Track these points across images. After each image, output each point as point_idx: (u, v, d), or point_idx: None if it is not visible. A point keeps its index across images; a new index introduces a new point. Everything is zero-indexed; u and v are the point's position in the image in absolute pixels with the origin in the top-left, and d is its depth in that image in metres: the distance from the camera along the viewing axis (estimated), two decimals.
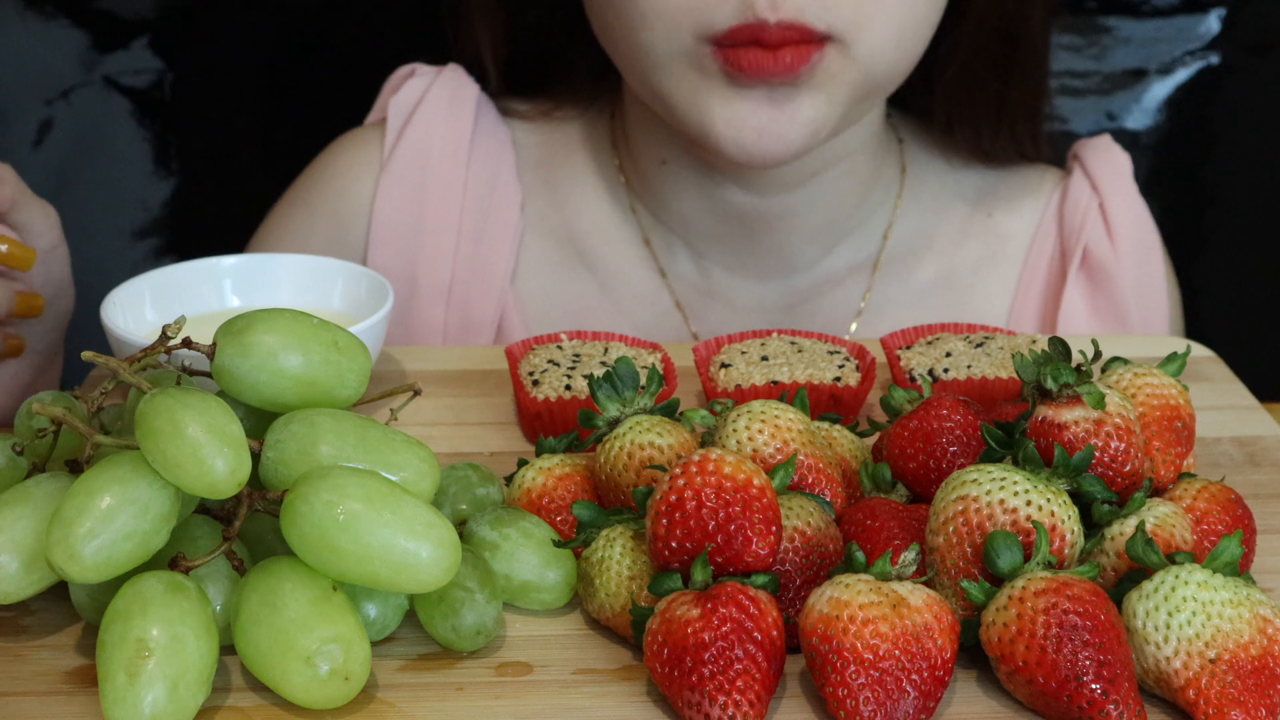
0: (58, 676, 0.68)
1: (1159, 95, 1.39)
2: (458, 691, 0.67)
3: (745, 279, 1.13)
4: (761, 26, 0.96)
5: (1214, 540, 0.72)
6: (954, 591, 0.68)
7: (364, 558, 0.65)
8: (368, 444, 0.69)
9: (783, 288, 1.13)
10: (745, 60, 0.97)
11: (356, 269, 0.93)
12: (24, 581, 0.67)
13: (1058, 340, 0.73)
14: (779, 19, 0.95)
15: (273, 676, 0.65)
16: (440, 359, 0.98)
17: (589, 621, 0.72)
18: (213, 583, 0.68)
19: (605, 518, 0.72)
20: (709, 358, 0.91)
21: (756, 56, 0.96)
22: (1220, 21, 1.37)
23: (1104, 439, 0.71)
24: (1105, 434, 0.71)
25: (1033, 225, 1.17)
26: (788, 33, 0.96)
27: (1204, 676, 0.65)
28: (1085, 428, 0.71)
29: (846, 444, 0.79)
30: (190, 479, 0.64)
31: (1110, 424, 0.71)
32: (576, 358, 0.90)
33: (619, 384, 0.76)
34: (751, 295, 1.13)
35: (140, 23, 1.33)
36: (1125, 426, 0.71)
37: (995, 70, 1.13)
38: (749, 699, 0.64)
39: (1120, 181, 1.15)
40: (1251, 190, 1.41)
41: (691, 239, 1.13)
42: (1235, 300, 1.43)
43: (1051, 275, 1.15)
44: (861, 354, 0.90)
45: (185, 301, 0.91)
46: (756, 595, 0.65)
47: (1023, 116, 1.16)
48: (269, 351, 0.70)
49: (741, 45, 0.97)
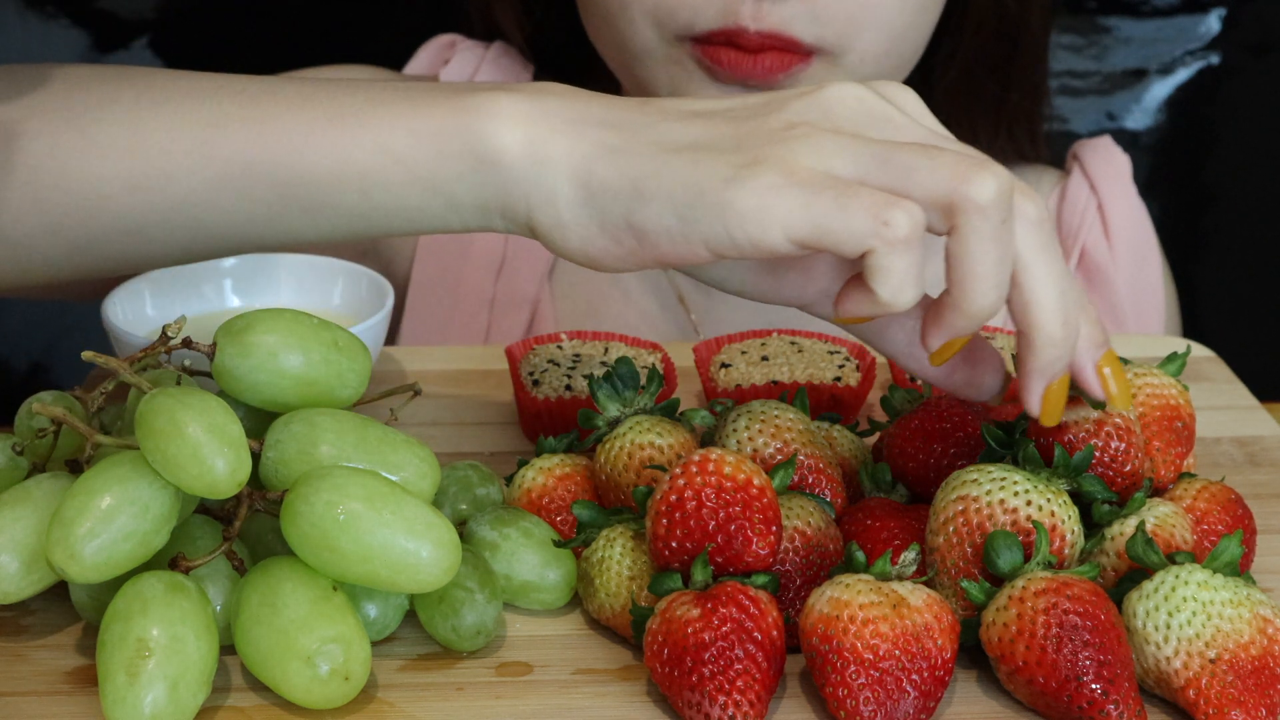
0: (58, 676, 0.68)
1: (1159, 95, 1.39)
2: (458, 691, 0.67)
3: None
4: (740, 31, 0.95)
5: (1214, 540, 0.72)
6: (954, 591, 0.68)
7: (364, 558, 0.65)
8: (368, 444, 0.69)
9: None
10: (724, 58, 0.97)
11: (356, 269, 0.93)
12: (24, 581, 0.67)
13: None
14: (760, 29, 0.95)
15: (273, 676, 0.65)
16: (440, 359, 0.98)
17: (589, 621, 0.72)
18: (213, 583, 0.68)
19: (605, 518, 0.72)
20: (709, 358, 0.91)
21: (735, 57, 0.96)
22: (1220, 21, 1.37)
23: (1104, 439, 0.71)
24: (1105, 434, 0.71)
25: None
26: (769, 40, 0.95)
27: (1204, 676, 0.65)
28: (1085, 428, 0.71)
29: (846, 444, 0.79)
30: (190, 479, 0.64)
31: (1110, 424, 0.71)
32: (576, 358, 0.90)
33: (619, 384, 0.76)
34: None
35: (140, 23, 1.33)
36: (1125, 426, 0.71)
37: (994, 73, 1.13)
38: (749, 699, 0.64)
39: (1119, 183, 1.15)
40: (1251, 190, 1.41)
41: None
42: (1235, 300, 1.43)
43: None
44: (861, 354, 0.90)
45: (185, 301, 0.91)
46: (756, 595, 0.65)
47: (1021, 118, 1.16)
48: (269, 351, 0.70)
49: (721, 44, 0.96)
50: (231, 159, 0.72)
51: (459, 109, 0.70)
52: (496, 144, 0.69)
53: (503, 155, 0.69)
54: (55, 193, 0.73)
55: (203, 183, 0.72)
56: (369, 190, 0.71)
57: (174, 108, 0.73)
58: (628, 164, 0.67)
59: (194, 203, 0.73)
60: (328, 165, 0.71)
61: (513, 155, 0.69)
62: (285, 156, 0.71)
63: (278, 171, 0.71)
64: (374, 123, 0.71)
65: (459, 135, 0.70)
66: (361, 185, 0.71)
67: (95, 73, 0.76)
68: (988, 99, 1.14)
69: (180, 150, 0.72)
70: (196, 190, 0.72)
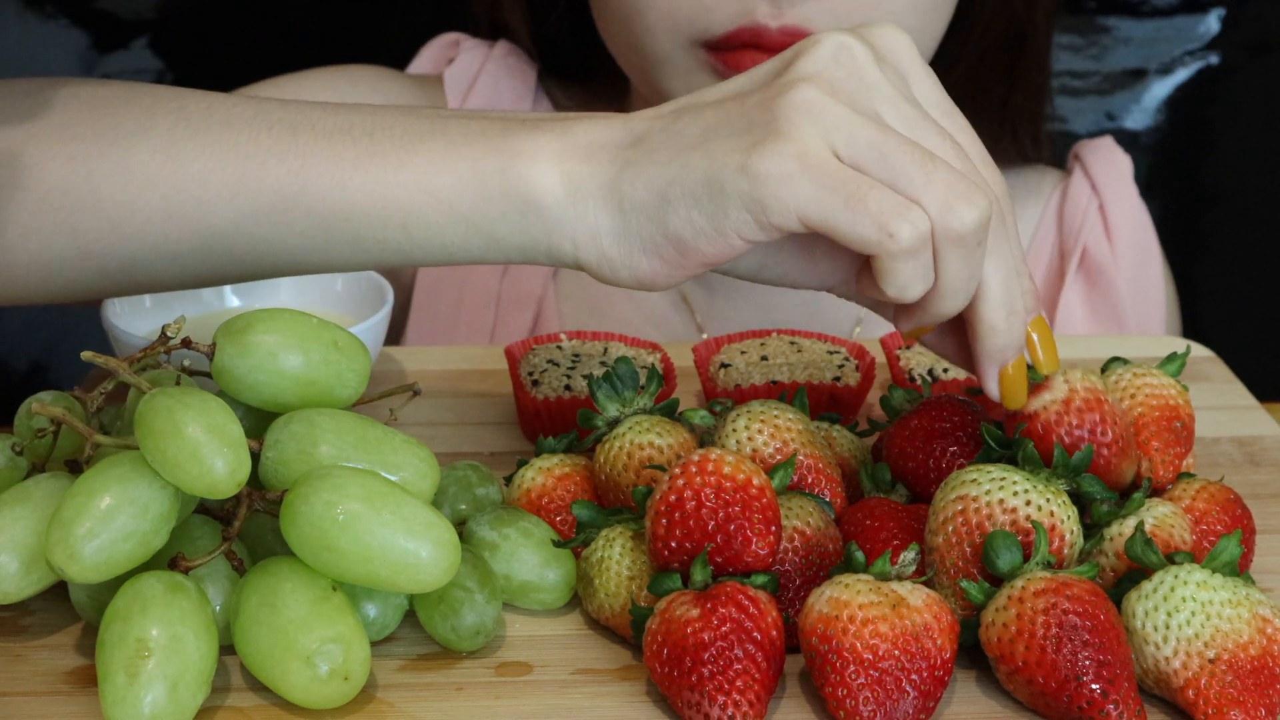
0: (58, 676, 0.68)
1: (1159, 95, 1.39)
2: (458, 691, 0.67)
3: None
4: (762, 30, 0.95)
5: (1213, 540, 0.72)
6: (953, 591, 0.68)
7: (364, 558, 0.65)
8: (367, 444, 0.69)
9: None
10: (747, 61, 0.96)
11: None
12: (24, 581, 0.67)
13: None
14: (781, 25, 0.95)
15: (272, 676, 0.65)
16: (440, 359, 0.98)
17: (589, 621, 0.72)
18: (212, 583, 0.68)
19: (605, 518, 0.72)
20: (709, 358, 0.91)
21: (755, 59, 0.95)
22: (1220, 21, 1.37)
23: (1076, 415, 0.71)
24: (1076, 409, 0.71)
25: (1032, 226, 1.17)
26: (792, 37, 0.95)
27: (1203, 676, 0.65)
28: (1055, 410, 0.71)
29: (846, 444, 0.79)
30: (190, 479, 0.64)
31: (1078, 399, 0.72)
32: (576, 358, 0.90)
33: (618, 384, 0.76)
34: (753, 294, 1.13)
35: (140, 23, 1.34)
36: (1093, 398, 0.72)
37: (999, 74, 1.13)
38: (749, 699, 0.64)
39: (1120, 183, 1.15)
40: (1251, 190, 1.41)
41: None
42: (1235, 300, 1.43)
43: (1050, 276, 1.15)
44: (861, 354, 0.90)
45: (185, 301, 0.91)
46: (756, 595, 0.65)
47: (1025, 119, 1.16)
48: (269, 351, 0.70)
49: (739, 48, 0.96)
50: (274, 191, 0.72)
51: (497, 150, 0.71)
52: (539, 186, 0.70)
53: (544, 197, 0.70)
54: (89, 218, 0.73)
55: (241, 214, 0.73)
56: (410, 227, 0.72)
57: (212, 137, 0.73)
58: (651, 176, 0.69)
59: (231, 233, 0.73)
60: (370, 203, 0.72)
61: (554, 197, 0.70)
62: (328, 192, 0.72)
63: (319, 206, 0.72)
64: (415, 160, 0.71)
65: (499, 177, 0.71)
66: (403, 222, 0.72)
67: (125, 94, 0.76)
68: (993, 100, 1.14)
69: (218, 181, 0.72)
70: (234, 221, 0.73)
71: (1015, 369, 0.71)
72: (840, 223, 0.66)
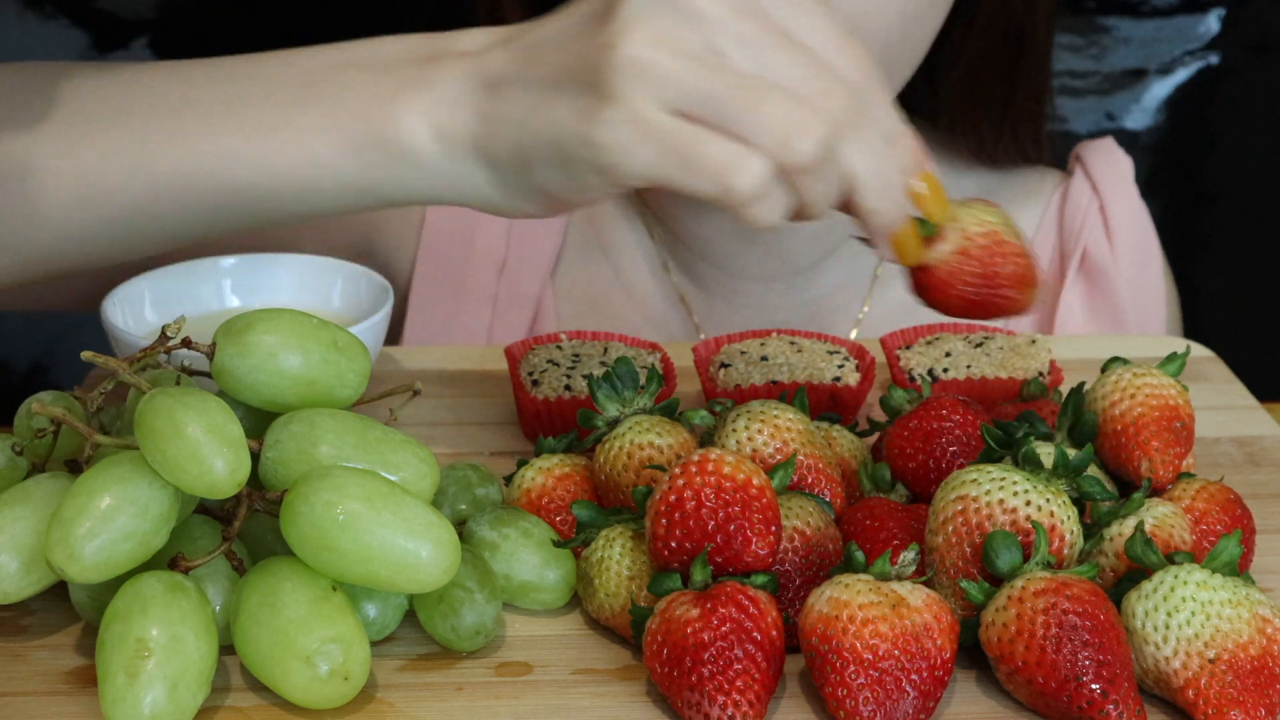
0: (58, 676, 0.68)
1: (1159, 95, 1.39)
2: (457, 691, 0.67)
3: (745, 280, 1.13)
4: None
5: (1213, 540, 0.72)
6: (953, 591, 0.68)
7: (364, 558, 0.65)
8: (367, 444, 0.69)
9: (784, 288, 1.13)
10: None
11: (356, 269, 0.93)
12: (24, 581, 0.67)
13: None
14: None
15: (272, 676, 0.65)
16: (440, 359, 0.98)
17: (589, 621, 0.72)
18: (212, 583, 0.68)
19: (605, 518, 0.72)
20: (709, 358, 0.91)
21: None
22: (1220, 21, 1.37)
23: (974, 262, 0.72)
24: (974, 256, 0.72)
25: (1033, 226, 1.17)
26: None
27: (1203, 676, 0.65)
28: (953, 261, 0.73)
29: (846, 444, 0.79)
30: (190, 479, 0.64)
31: (975, 246, 0.72)
32: (576, 358, 0.90)
33: (618, 384, 0.76)
34: (752, 294, 1.13)
35: (140, 23, 1.33)
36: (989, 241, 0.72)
37: (1000, 73, 1.13)
38: (748, 699, 0.64)
39: (1121, 184, 1.15)
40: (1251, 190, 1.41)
41: (690, 239, 1.13)
42: (1235, 300, 1.43)
43: (1051, 276, 1.15)
44: (861, 354, 0.90)
45: (185, 301, 0.91)
46: (756, 595, 0.65)
47: (1026, 119, 1.16)
48: (269, 351, 0.70)
49: None
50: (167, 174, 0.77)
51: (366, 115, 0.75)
52: (414, 144, 0.74)
53: (421, 152, 0.74)
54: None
55: (139, 199, 0.77)
56: (303, 197, 0.76)
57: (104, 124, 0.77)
58: (509, 137, 0.72)
59: (134, 215, 0.78)
60: (259, 178, 0.76)
61: (429, 151, 0.74)
62: (218, 172, 0.76)
63: (211, 185, 0.77)
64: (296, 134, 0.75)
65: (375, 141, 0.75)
66: (296, 193, 0.76)
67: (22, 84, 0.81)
68: (993, 99, 1.14)
69: (114, 169, 0.77)
70: (135, 205, 0.77)
71: (905, 228, 0.73)
72: (682, 181, 0.69)
